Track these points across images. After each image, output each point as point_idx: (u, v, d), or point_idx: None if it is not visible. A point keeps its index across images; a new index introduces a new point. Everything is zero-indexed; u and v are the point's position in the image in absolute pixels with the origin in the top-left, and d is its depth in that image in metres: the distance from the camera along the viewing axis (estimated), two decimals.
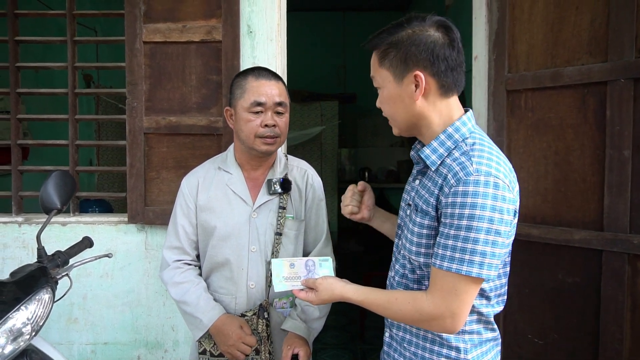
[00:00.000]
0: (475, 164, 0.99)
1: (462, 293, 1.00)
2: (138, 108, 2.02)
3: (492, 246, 0.97)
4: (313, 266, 1.25)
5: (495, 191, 0.97)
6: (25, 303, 1.30)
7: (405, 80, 1.06)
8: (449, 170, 1.03)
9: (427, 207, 1.06)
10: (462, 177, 0.99)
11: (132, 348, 2.11)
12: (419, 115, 1.09)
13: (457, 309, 1.00)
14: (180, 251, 1.57)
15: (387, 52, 1.07)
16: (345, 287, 1.15)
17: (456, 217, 0.98)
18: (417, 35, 1.04)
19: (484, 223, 0.96)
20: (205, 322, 1.47)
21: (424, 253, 1.08)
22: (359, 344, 3.47)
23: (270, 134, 1.45)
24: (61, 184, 1.52)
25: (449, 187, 1.01)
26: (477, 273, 0.97)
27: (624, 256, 1.57)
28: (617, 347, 1.58)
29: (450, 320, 1.01)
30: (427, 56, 1.04)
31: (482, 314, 1.09)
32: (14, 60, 2.14)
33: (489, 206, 0.96)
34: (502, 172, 1.01)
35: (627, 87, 1.56)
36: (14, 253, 2.11)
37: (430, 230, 1.06)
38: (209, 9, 2.00)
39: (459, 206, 0.98)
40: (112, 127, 4.21)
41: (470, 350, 1.09)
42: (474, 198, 0.97)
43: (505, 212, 0.98)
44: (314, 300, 1.17)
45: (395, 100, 1.10)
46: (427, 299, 1.03)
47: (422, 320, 1.04)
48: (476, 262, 0.97)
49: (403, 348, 1.16)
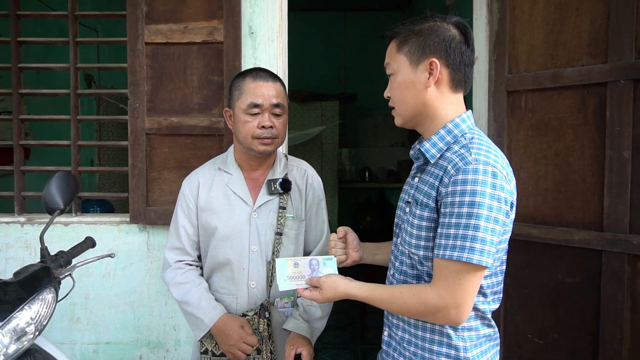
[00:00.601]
0: (474, 154, 1.03)
1: (465, 282, 1.01)
2: (140, 109, 2.03)
3: (491, 234, 0.99)
4: (317, 265, 1.26)
5: (493, 180, 1.00)
6: (29, 303, 1.31)
7: (421, 66, 1.11)
8: (449, 162, 1.05)
9: (427, 200, 1.08)
10: (462, 167, 1.01)
11: (134, 348, 2.12)
12: (427, 104, 1.12)
13: (461, 299, 1.02)
14: (182, 252, 1.58)
15: (407, 39, 1.12)
16: (349, 284, 1.16)
17: (456, 205, 1.00)
18: (438, 27, 1.11)
19: (483, 210, 0.98)
20: (206, 322, 1.47)
21: (423, 246, 1.09)
22: (360, 344, 3.48)
23: (267, 135, 1.46)
24: (64, 184, 1.52)
25: (448, 177, 1.03)
26: (478, 260, 0.99)
27: (624, 256, 1.58)
28: (616, 347, 1.59)
29: (455, 311, 1.02)
30: (445, 47, 1.09)
31: (479, 310, 1.11)
32: (17, 61, 2.15)
33: (488, 194, 0.99)
34: (500, 163, 1.04)
35: (627, 88, 1.57)
36: (16, 253, 2.12)
37: (430, 222, 1.08)
38: (211, 10, 2.01)
39: (459, 194, 1.00)
40: (113, 127, 4.21)
41: (470, 348, 1.10)
42: (473, 185, 0.99)
43: (503, 202, 1.01)
44: (319, 299, 1.19)
45: (407, 85, 1.13)
46: (432, 291, 1.04)
47: (427, 312, 1.05)
48: (477, 249, 0.99)
49: (403, 348, 1.17)
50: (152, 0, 2.01)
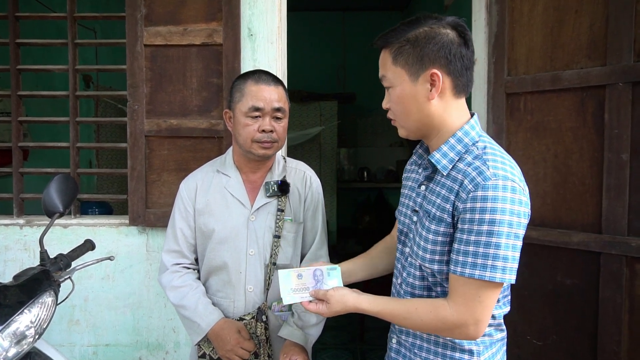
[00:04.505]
0: (492, 169, 0.99)
1: (485, 299, 0.99)
2: (139, 111, 2.03)
3: (512, 250, 0.97)
4: (321, 276, 1.21)
5: (513, 195, 0.97)
6: (29, 306, 1.31)
7: (421, 78, 1.04)
8: (465, 176, 1.01)
9: (441, 214, 1.04)
10: (481, 182, 0.98)
11: (133, 350, 2.12)
12: (432, 115, 1.07)
13: (481, 316, 1.00)
14: (179, 255, 1.57)
15: (402, 49, 1.04)
16: (358, 298, 1.11)
17: (476, 223, 0.97)
18: (435, 33, 1.03)
19: (504, 227, 0.95)
20: (203, 326, 1.46)
21: (438, 260, 1.06)
22: (359, 344, 3.48)
23: (268, 139, 1.44)
24: (63, 187, 1.52)
25: (466, 192, 0.99)
26: (501, 278, 0.96)
27: (622, 258, 1.58)
28: (615, 349, 1.60)
29: (474, 328, 1.00)
30: (445, 54, 1.02)
31: (494, 317, 1.09)
32: (15, 63, 2.14)
33: (507, 210, 0.96)
34: (517, 175, 1.01)
35: (625, 90, 1.57)
36: (15, 255, 2.12)
37: (446, 237, 1.04)
38: (210, 12, 2.01)
39: (479, 211, 0.97)
40: (111, 127, 4.20)
41: (483, 352, 1.09)
42: (494, 203, 0.96)
43: (523, 216, 0.98)
44: (325, 312, 1.13)
45: (408, 99, 1.07)
46: (450, 307, 1.01)
47: (445, 329, 1.02)
48: (499, 267, 0.96)
49: (413, 354, 1.15)
50: (151, 2, 2.01)
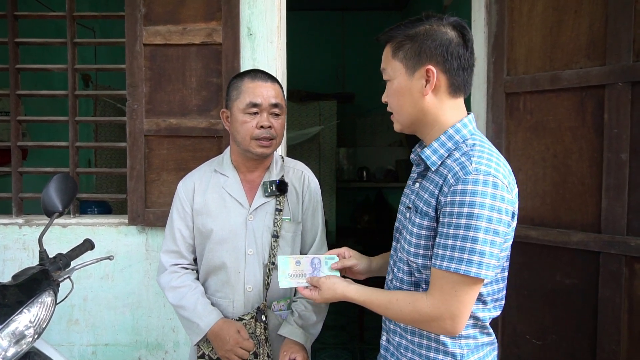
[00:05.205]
0: (475, 164, 1.00)
1: (462, 294, 1.00)
2: (138, 110, 2.03)
3: (490, 246, 0.97)
4: (319, 264, 1.26)
5: (494, 191, 0.97)
6: (28, 306, 1.30)
7: (417, 74, 1.07)
8: (449, 171, 1.03)
9: (427, 208, 1.06)
10: (462, 176, 0.99)
11: (132, 349, 2.12)
12: (426, 111, 1.09)
13: (457, 310, 1.00)
14: (177, 255, 1.56)
15: (402, 44, 1.08)
16: (347, 287, 1.16)
17: (455, 216, 0.98)
18: (434, 30, 1.06)
19: (482, 222, 0.96)
20: (202, 326, 1.46)
21: (422, 254, 1.08)
22: (358, 344, 3.48)
23: (266, 135, 1.45)
24: (62, 187, 1.52)
25: (448, 186, 1.01)
26: (476, 273, 0.97)
27: (621, 258, 1.58)
28: (614, 348, 1.60)
29: (450, 322, 1.01)
30: (442, 52, 1.05)
31: (478, 319, 1.09)
32: (14, 62, 2.14)
33: (487, 205, 0.96)
34: (502, 172, 1.01)
35: (624, 90, 1.57)
36: (14, 255, 2.12)
37: (429, 231, 1.06)
38: (209, 12, 2.01)
39: (458, 205, 0.98)
40: (110, 126, 4.20)
41: (467, 355, 1.08)
42: (472, 197, 0.97)
43: (504, 213, 0.98)
44: (317, 299, 1.19)
45: (404, 93, 1.09)
46: (427, 300, 1.03)
47: (422, 321, 1.04)
48: (475, 261, 0.97)
49: (400, 354, 1.16)
50: (150, 2, 2.01)
